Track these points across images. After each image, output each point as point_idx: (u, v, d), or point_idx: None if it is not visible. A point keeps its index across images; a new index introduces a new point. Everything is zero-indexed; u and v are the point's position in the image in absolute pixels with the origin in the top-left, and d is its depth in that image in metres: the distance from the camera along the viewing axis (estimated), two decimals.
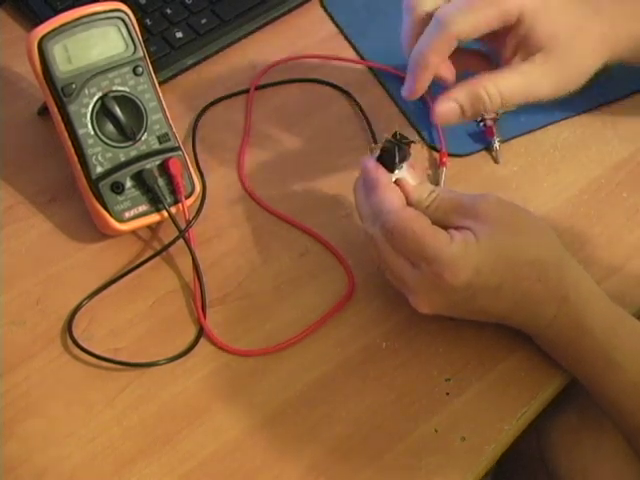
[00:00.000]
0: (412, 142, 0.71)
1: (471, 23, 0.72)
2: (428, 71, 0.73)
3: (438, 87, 0.76)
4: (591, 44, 0.75)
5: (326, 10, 0.94)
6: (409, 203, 0.70)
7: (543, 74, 0.74)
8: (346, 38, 0.92)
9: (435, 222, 0.69)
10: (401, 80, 0.77)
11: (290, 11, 0.93)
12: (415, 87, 0.74)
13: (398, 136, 0.71)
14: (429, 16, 0.74)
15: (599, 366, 0.68)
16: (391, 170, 0.71)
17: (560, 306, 0.69)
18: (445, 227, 0.69)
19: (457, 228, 0.69)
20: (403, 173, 0.71)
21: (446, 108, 0.73)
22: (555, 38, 0.73)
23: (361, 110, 0.87)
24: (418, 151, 0.81)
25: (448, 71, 0.76)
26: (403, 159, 0.71)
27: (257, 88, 0.88)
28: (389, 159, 0.71)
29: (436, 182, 0.81)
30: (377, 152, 0.71)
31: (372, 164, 0.71)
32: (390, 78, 0.89)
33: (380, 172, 0.70)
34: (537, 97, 0.75)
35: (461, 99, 0.73)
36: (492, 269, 0.67)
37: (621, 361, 0.68)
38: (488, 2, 0.72)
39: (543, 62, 0.74)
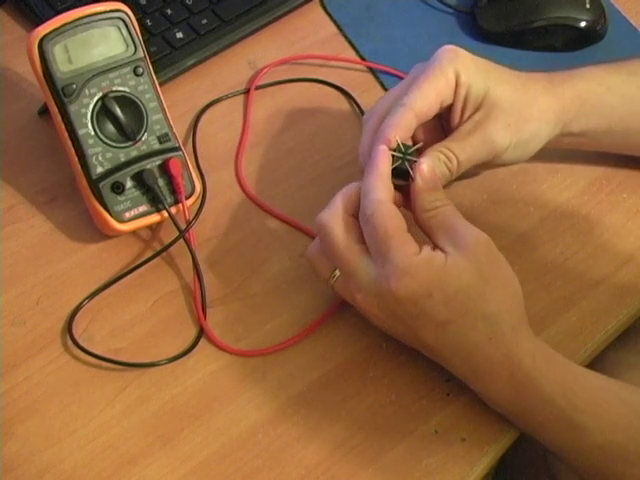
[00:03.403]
0: (418, 148, 0.71)
1: (421, 97, 0.72)
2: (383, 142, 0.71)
3: None
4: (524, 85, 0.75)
5: (326, 10, 0.95)
6: (413, 201, 0.70)
7: (490, 122, 0.73)
8: (346, 38, 0.93)
9: (425, 230, 0.69)
10: (401, 80, 0.77)
11: (290, 11, 0.93)
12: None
13: (403, 148, 0.71)
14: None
15: (563, 431, 0.66)
16: (406, 180, 0.71)
17: (513, 373, 0.66)
18: (429, 238, 0.68)
19: (435, 248, 0.67)
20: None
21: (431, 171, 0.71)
22: (492, 87, 0.74)
23: (361, 110, 0.87)
24: None
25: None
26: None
27: (257, 88, 0.88)
28: (402, 174, 0.70)
29: None
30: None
31: (382, 149, 0.70)
32: (390, 78, 0.89)
33: (382, 160, 0.69)
34: (494, 146, 0.74)
35: (430, 162, 0.71)
36: (445, 301, 0.66)
37: (585, 424, 0.65)
38: (427, 77, 0.73)
39: (486, 112, 0.73)
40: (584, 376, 0.68)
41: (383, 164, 0.69)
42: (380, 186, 0.68)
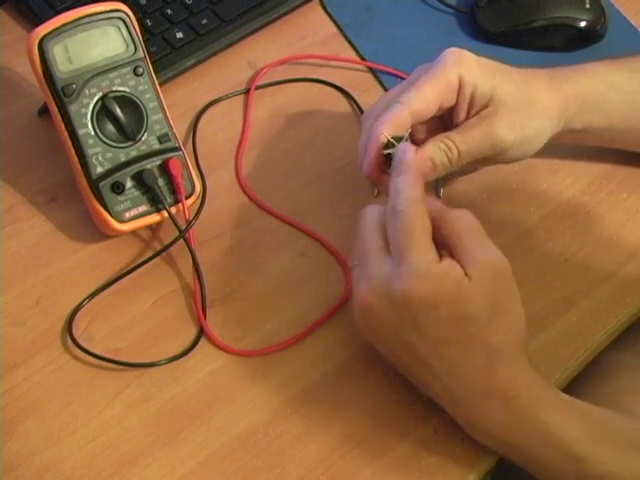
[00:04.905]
0: (408, 138, 0.71)
1: (419, 96, 0.72)
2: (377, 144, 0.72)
3: None
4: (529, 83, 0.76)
5: (326, 10, 0.95)
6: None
7: (496, 118, 0.74)
8: (346, 38, 0.93)
9: (442, 238, 0.67)
10: (401, 80, 0.77)
11: (290, 11, 0.93)
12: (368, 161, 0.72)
13: (394, 142, 0.71)
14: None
15: (559, 462, 0.65)
16: None
17: (508, 402, 0.65)
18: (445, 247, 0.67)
19: (455, 260, 0.66)
20: None
21: (422, 165, 0.72)
22: (498, 86, 0.74)
23: (361, 110, 0.87)
24: None
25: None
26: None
27: (257, 88, 0.88)
28: None
29: (436, 183, 0.81)
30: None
31: (411, 150, 0.69)
32: (390, 78, 0.89)
33: (415, 160, 0.69)
34: (497, 141, 0.74)
35: (427, 153, 0.72)
36: (449, 319, 0.64)
37: (582, 454, 0.64)
38: (428, 77, 0.73)
39: (493, 110, 0.74)
40: (581, 406, 0.67)
41: (415, 164, 0.69)
42: (416, 186, 0.67)
